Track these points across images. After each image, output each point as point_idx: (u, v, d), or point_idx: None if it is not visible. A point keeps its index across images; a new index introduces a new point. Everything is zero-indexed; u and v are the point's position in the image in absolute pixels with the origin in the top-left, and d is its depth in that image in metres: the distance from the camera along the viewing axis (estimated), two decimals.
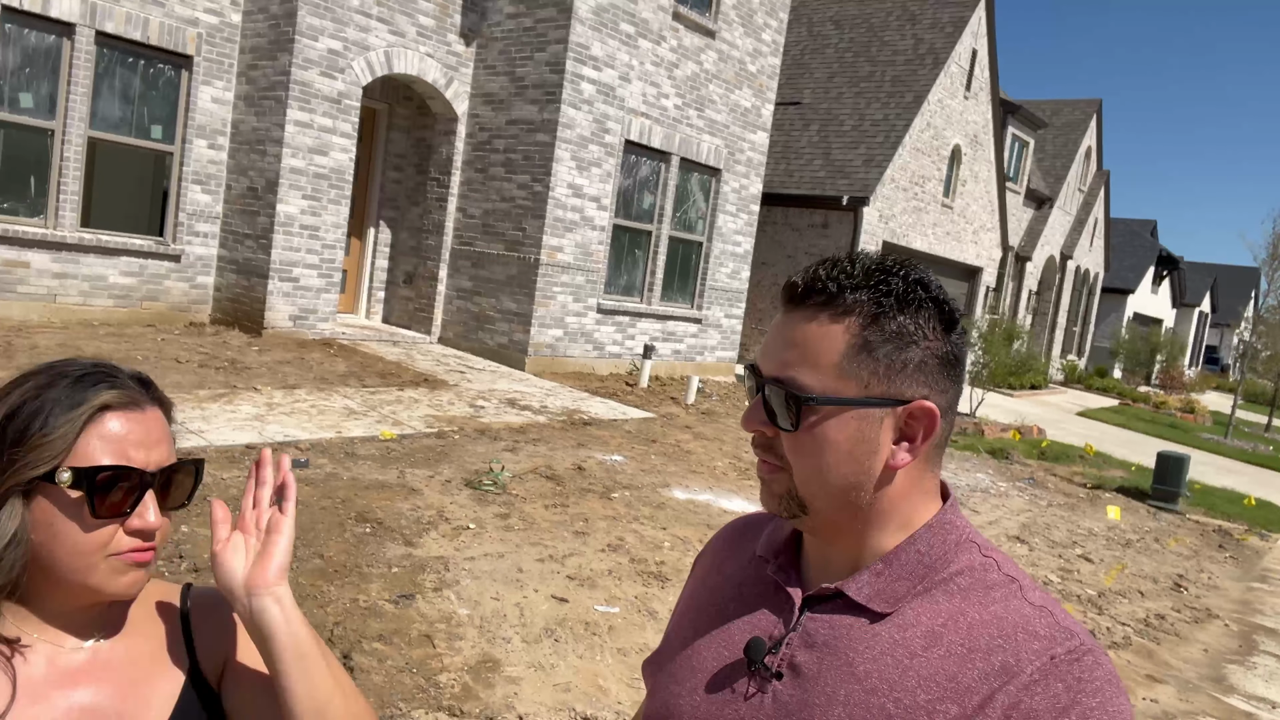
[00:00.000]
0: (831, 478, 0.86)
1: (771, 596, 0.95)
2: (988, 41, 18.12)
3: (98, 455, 0.89)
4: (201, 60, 9.00)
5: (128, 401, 0.93)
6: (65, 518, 0.88)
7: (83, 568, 0.89)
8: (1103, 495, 9.64)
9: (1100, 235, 27.91)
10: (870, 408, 0.85)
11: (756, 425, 0.90)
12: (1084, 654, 0.80)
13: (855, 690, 0.83)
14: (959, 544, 0.89)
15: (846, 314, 0.86)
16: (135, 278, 8.84)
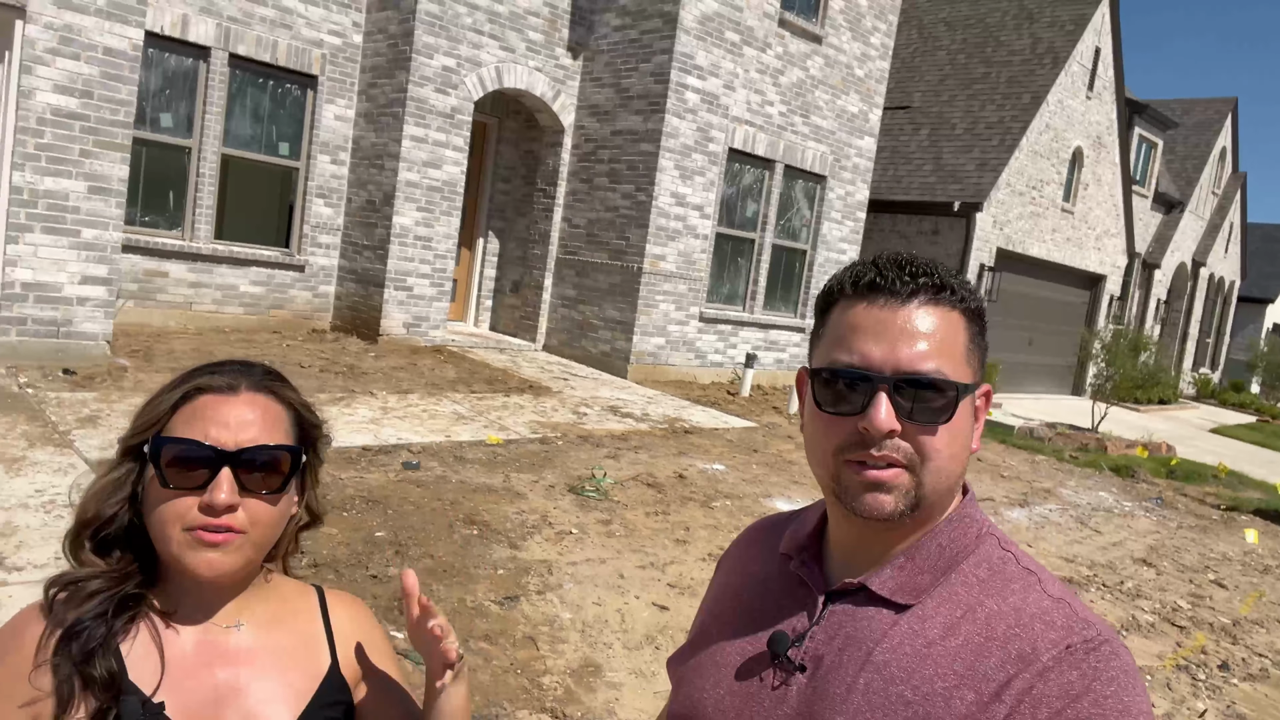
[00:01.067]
0: (957, 467, 0.90)
1: (795, 592, 0.96)
2: (1112, 39, 17.30)
3: (179, 430, 0.95)
4: (325, 80, 9.45)
5: (222, 385, 0.98)
6: (153, 486, 0.95)
7: (163, 537, 0.94)
8: (1238, 518, 9.02)
9: (1236, 241, 26.21)
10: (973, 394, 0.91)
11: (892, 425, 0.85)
12: (1100, 644, 0.81)
13: (874, 679, 0.84)
14: (979, 536, 0.91)
15: (958, 307, 0.90)
16: (263, 287, 9.33)
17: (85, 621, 0.92)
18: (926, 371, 0.86)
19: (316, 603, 1.10)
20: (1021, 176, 15.71)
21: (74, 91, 6.04)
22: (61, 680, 0.90)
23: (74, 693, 0.89)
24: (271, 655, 1.01)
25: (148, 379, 6.42)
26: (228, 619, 1.01)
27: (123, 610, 0.95)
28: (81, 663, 0.90)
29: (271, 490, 0.97)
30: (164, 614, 0.97)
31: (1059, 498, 8.24)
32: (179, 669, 0.95)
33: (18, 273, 6.05)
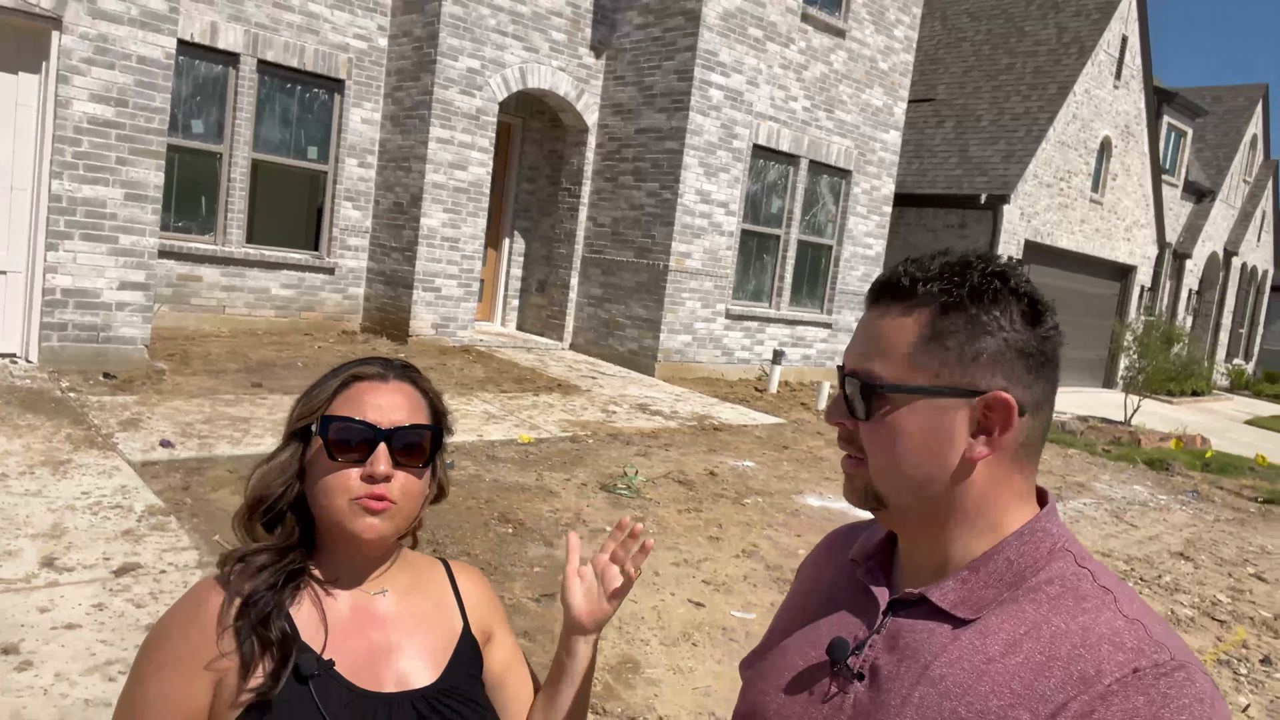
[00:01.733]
0: (905, 468, 0.87)
1: (860, 600, 0.95)
2: (1139, 26, 17.07)
3: (340, 412, 1.09)
4: (352, 84, 9.54)
5: (374, 374, 1.13)
6: (319, 461, 1.08)
7: (331, 506, 1.07)
8: (1276, 510, 8.89)
9: (1269, 229, 25.78)
10: (941, 397, 0.85)
11: (837, 418, 0.92)
12: (1174, 669, 0.76)
13: (929, 693, 0.82)
14: (1052, 552, 0.86)
15: (918, 306, 0.87)
16: (294, 289, 9.44)
17: (260, 591, 1.05)
18: (854, 369, 0.90)
19: (444, 573, 1.24)
20: (1049, 168, 15.55)
21: (109, 100, 6.15)
22: (243, 643, 1.02)
23: (254, 653, 1.02)
24: (413, 619, 1.15)
25: (185, 382, 6.53)
26: (374, 587, 1.13)
27: (290, 580, 1.08)
28: (259, 626, 1.03)
29: (418, 464, 1.11)
30: (323, 583, 1.10)
31: (1093, 491, 8.16)
32: (339, 631, 1.08)
33: (58, 279, 6.17)
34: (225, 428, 5.55)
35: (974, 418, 0.85)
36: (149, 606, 3.31)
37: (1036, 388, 0.86)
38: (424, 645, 1.13)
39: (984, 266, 0.87)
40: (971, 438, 0.85)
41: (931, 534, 0.89)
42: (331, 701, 1.03)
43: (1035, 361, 0.86)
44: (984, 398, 0.84)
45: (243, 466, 4.96)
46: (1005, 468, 0.87)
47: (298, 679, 1.02)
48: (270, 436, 5.50)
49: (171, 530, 4.02)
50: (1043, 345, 0.87)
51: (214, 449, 5.13)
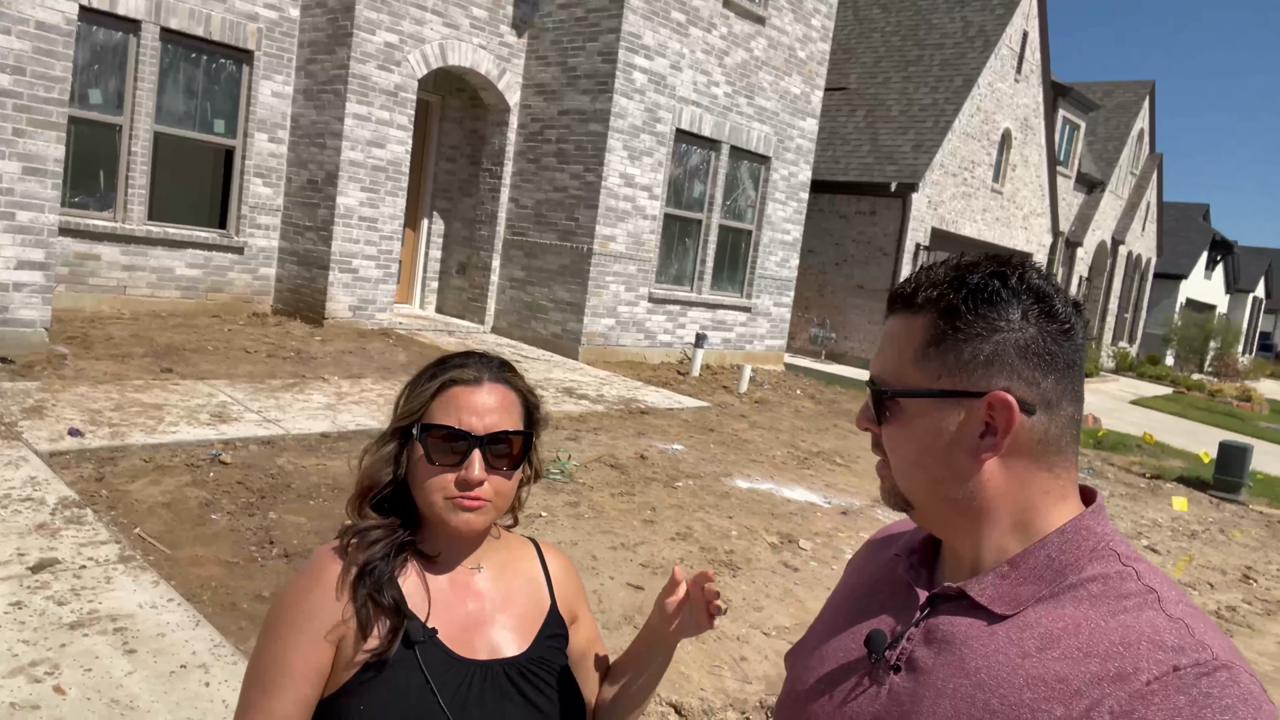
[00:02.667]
0: (918, 471, 0.90)
1: (901, 594, 0.96)
2: (1039, 22, 17.78)
3: (439, 417, 1.17)
4: (262, 55, 9.16)
5: (470, 378, 1.19)
6: (420, 462, 1.18)
7: (429, 503, 1.17)
8: (1164, 485, 9.49)
9: (1153, 220, 27.32)
10: (941, 399, 0.87)
11: (864, 423, 0.96)
12: (1217, 669, 0.74)
13: (964, 684, 0.83)
14: (1095, 550, 0.86)
15: (920, 312, 0.90)
16: (200, 269, 9.05)
17: (375, 561, 1.15)
18: (871, 376, 0.95)
19: (535, 554, 1.33)
20: (954, 158, 16.10)
21: (5, 68, 5.75)
22: (360, 606, 1.13)
23: (370, 617, 1.12)
24: (506, 594, 1.25)
25: (89, 367, 6.20)
26: (472, 563, 1.24)
27: (399, 553, 1.18)
28: (374, 593, 1.13)
29: (510, 467, 1.19)
30: (427, 557, 1.21)
31: None
32: (440, 601, 1.19)
33: None
34: (138, 415, 5.30)
35: (978, 419, 0.86)
36: (71, 604, 3.16)
37: (1046, 384, 0.86)
38: (514, 618, 1.24)
39: (986, 268, 0.88)
40: (978, 439, 0.86)
41: (959, 532, 0.91)
42: (434, 665, 1.14)
43: (1041, 358, 0.85)
44: (985, 398, 0.85)
45: (159, 455, 4.76)
46: (1024, 466, 0.87)
47: (405, 644, 1.13)
48: (186, 424, 5.28)
49: (88, 524, 3.83)
50: (1050, 342, 0.86)
51: (127, 438, 4.89)
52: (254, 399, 6.08)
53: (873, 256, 15.76)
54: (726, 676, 3.60)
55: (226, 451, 4.97)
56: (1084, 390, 0.91)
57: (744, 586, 4.46)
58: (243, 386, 6.37)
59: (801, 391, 10.99)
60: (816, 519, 5.76)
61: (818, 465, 7.23)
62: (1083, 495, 0.91)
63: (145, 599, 3.27)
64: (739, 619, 4.10)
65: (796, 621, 4.19)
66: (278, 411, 5.87)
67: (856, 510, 6.15)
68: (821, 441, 8.19)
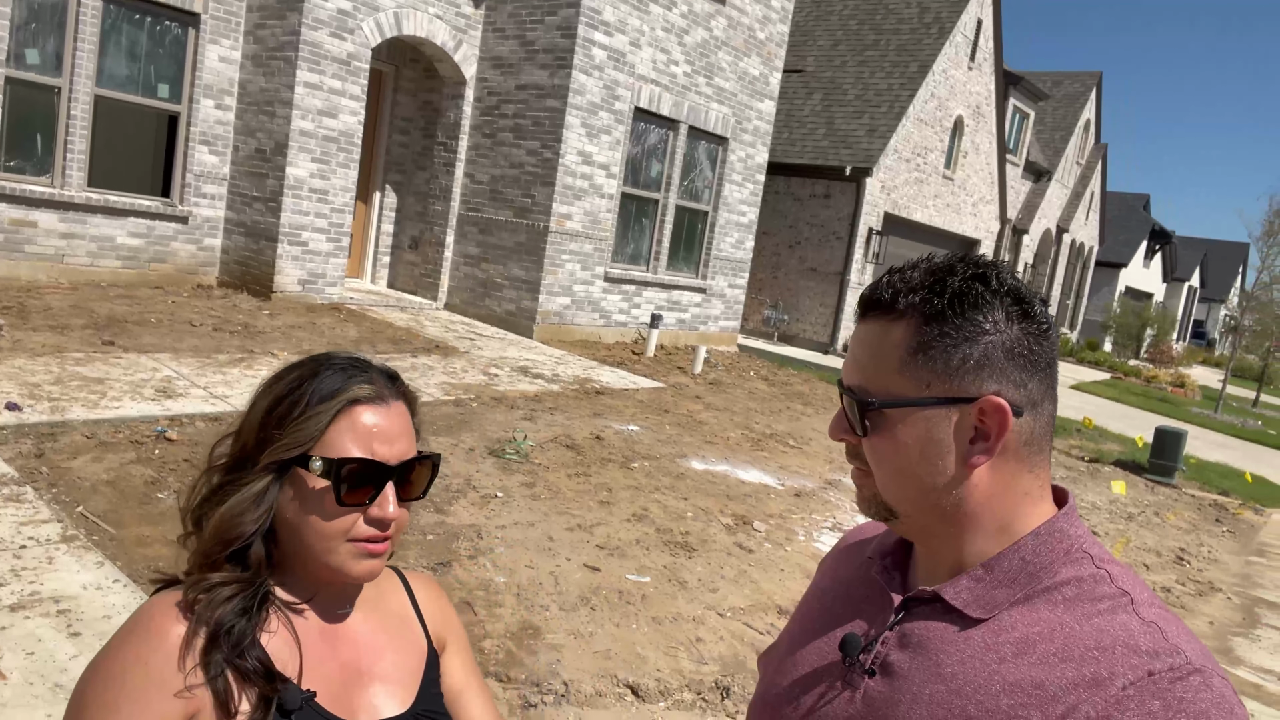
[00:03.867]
0: (908, 480, 0.87)
1: (875, 597, 0.95)
2: (993, 11, 18.00)
3: (347, 447, 0.96)
4: (209, 18, 8.86)
5: (375, 396, 0.99)
6: (313, 501, 0.96)
7: (325, 550, 0.97)
8: (1102, 469, 9.78)
9: (1096, 209, 27.98)
10: (932, 407, 0.85)
11: (840, 434, 0.92)
12: (1190, 673, 0.75)
13: (940, 690, 0.82)
14: (1069, 553, 0.86)
15: (901, 318, 0.86)
16: (142, 239, 8.77)
17: (229, 618, 0.93)
18: (850, 385, 0.90)
19: (401, 584, 1.16)
20: (908, 143, 16.27)
21: None
22: (216, 676, 0.91)
23: (230, 687, 0.91)
24: (380, 636, 1.07)
25: (26, 339, 5.98)
26: (339, 605, 1.05)
27: (261, 606, 0.97)
28: (235, 657, 0.92)
29: (416, 496, 1.03)
30: (290, 604, 1.01)
31: None
32: (312, 656, 0.99)
33: None
34: (78, 389, 5.13)
35: (969, 424, 0.84)
36: (11, 585, 3.06)
37: (1031, 385, 0.85)
38: (394, 667, 1.06)
39: (965, 270, 0.86)
40: (969, 444, 0.85)
41: (942, 539, 0.89)
42: None
43: (1026, 360, 0.85)
44: (977, 404, 0.83)
45: (101, 430, 4.62)
46: (1010, 469, 0.86)
47: (281, 713, 0.93)
48: (130, 399, 5.13)
49: (28, 501, 3.71)
50: (1033, 343, 0.85)
51: (68, 412, 4.74)
52: (200, 374, 5.93)
53: (826, 240, 15.89)
54: (682, 657, 3.63)
55: (172, 428, 4.85)
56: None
57: (699, 568, 4.50)
58: (188, 361, 6.20)
59: (755, 373, 11.07)
60: (770, 501, 5.82)
61: (771, 447, 7.30)
62: (1055, 495, 0.91)
63: (89, 580, 3.18)
64: (694, 600, 4.13)
65: (751, 603, 4.24)
66: (225, 387, 5.74)
67: (809, 492, 6.23)
68: (775, 423, 8.26)
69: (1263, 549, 7.78)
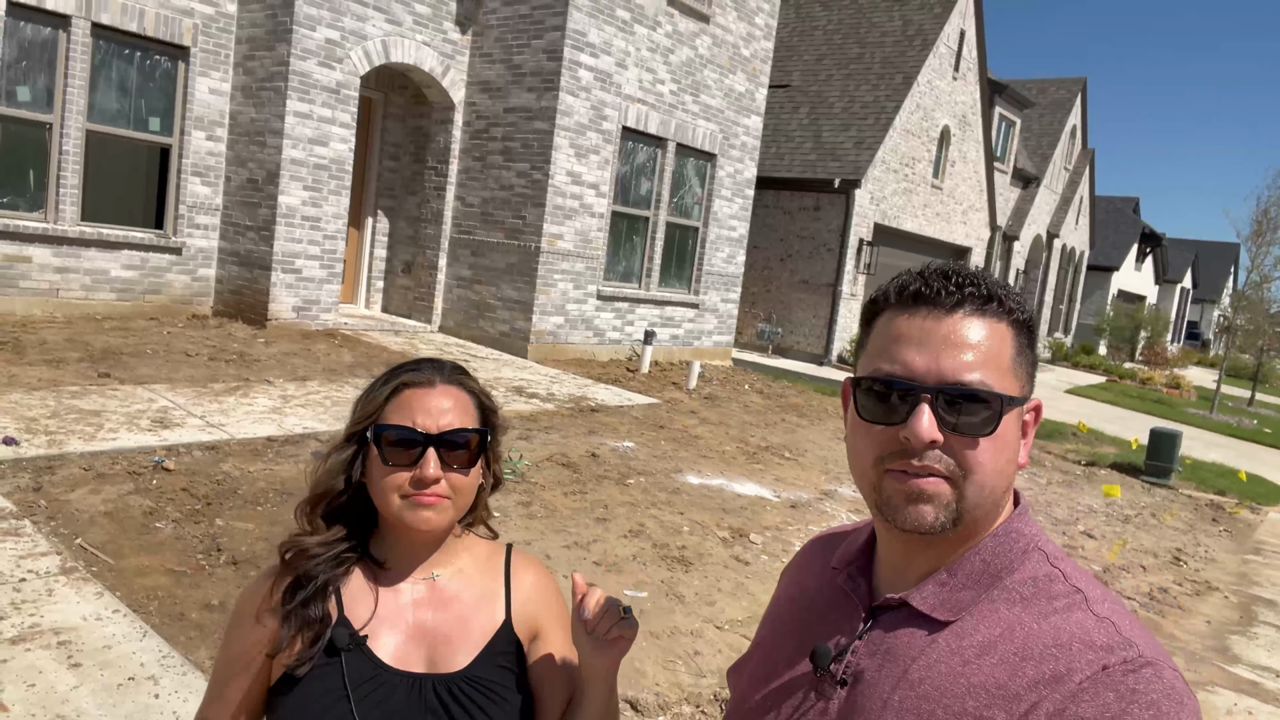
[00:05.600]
0: (1000, 481, 0.89)
1: (842, 606, 0.97)
2: (975, 21, 18.18)
3: (392, 419, 1.17)
4: (198, 51, 8.95)
5: (423, 381, 1.20)
6: (374, 463, 1.18)
7: (385, 503, 1.17)
8: (1098, 472, 9.81)
9: (1085, 213, 28.14)
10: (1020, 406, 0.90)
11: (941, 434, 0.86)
12: (1142, 665, 0.78)
13: (908, 695, 0.84)
14: (1025, 552, 0.89)
15: (1008, 316, 0.89)
16: (137, 271, 8.82)
17: (312, 571, 1.16)
18: (970, 382, 0.85)
19: (502, 562, 1.29)
20: (895, 154, 16.39)
21: None
22: (284, 618, 1.15)
23: (292, 630, 1.14)
24: (458, 604, 1.22)
25: (22, 373, 6.02)
26: (426, 570, 1.22)
27: (339, 564, 1.18)
28: (301, 605, 1.15)
29: (466, 465, 1.18)
30: (379, 563, 1.21)
31: None
32: (386, 609, 1.18)
33: None
34: (75, 422, 5.16)
35: (1023, 423, 0.91)
36: (11, 618, 3.08)
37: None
38: (462, 631, 1.20)
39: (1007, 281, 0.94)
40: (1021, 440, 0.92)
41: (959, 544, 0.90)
42: (356, 674, 1.13)
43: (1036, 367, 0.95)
44: (1033, 403, 0.92)
45: (99, 462, 4.65)
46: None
47: (329, 652, 1.13)
48: (126, 430, 5.17)
49: (27, 535, 3.74)
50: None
51: (65, 445, 4.77)
52: (196, 403, 5.96)
53: (817, 252, 15.98)
54: (681, 671, 3.66)
55: (170, 458, 4.88)
56: None
57: (697, 581, 4.52)
58: (184, 391, 6.24)
59: (750, 387, 11.12)
60: (766, 513, 5.85)
61: (767, 460, 7.33)
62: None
63: (89, 611, 3.21)
64: (692, 614, 4.16)
65: (749, 614, 4.26)
66: (221, 416, 5.77)
67: (805, 504, 6.26)
68: (770, 436, 8.30)
69: (1259, 547, 7.81)
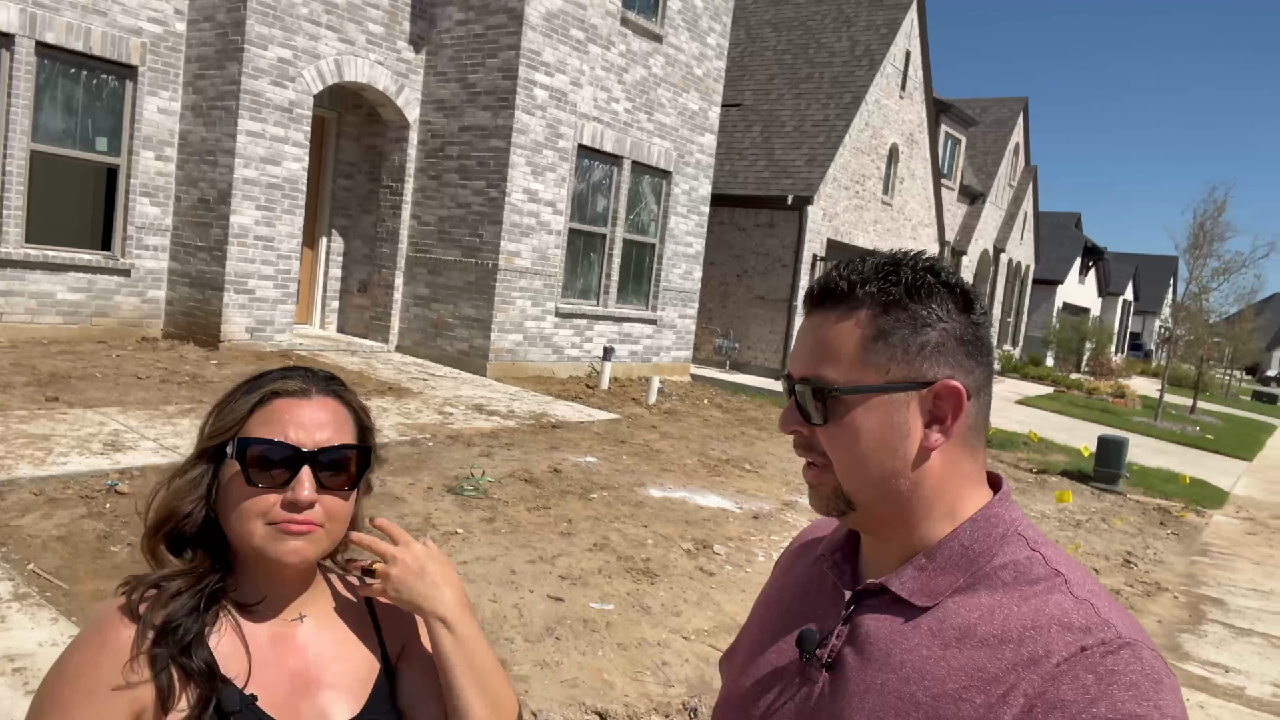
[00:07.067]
0: (870, 466, 0.89)
1: (828, 593, 0.98)
2: (920, 42, 18.63)
3: (257, 432, 1.00)
4: (146, 70, 8.83)
5: (297, 390, 1.04)
6: (232, 484, 1.00)
7: (247, 532, 0.99)
8: (1050, 479, 10.04)
9: (1030, 229, 28.87)
10: (893, 392, 0.88)
11: (793, 426, 0.93)
12: (1121, 646, 0.78)
13: (890, 679, 0.85)
14: (1005, 536, 0.89)
15: (858, 307, 0.89)
16: (84, 293, 8.63)
17: (178, 616, 0.96)
18: (805, 375, 0.90)
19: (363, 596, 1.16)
20: (846, 171, 16.69)
21: None
22: (160, 672, 0.93)
23: (174, 684, 0.94)
24: (333, 646, 1.07)
25: None
26: (293, 613, 1.06)
27: (209, 605, 1.00)
28: (179, 655, 0.95)
29: (345, 487, 1.03)
30: (241, 607, 1.03)
31: None
32: (260, 661, 1.01)
33: None
34: (24, 447, 5.03)
35: (925, 408, 0.88)
36: None
37: (977, 372, 0.90)
38: (344, 675, 1.06)
39: (914, 263, 0.90)
40: (925, 428, 0.88)
41: (896, 527, 0.92)
42: None
43: (973, 347, 0.89)
44: (934, 387, 0.87)
45: (49, 487, 4.54)
46: (956, 453, 0.90)
47: (219, 716, 0.95)
48: (78, 454, 5.05)
49: None
50: (977, 331, 0.90)
51: (14, 470, 4.65)
52: (149, 426, 5.85)
53: (772, 268, 16.18)
54: (649, 681, 3.67)
55: (123, 481, 4.78)
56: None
57: (662, 593, 4.54)
58: (136, 414, 6.11)
59: (709, 401, 11.19)
60: (729, 524, 5.90)
61: (728, 472, 7.38)
62: (990, 480, 0.95)
63: (44, 637, 3.13)
64: (659, 625, 4.17)
65: (715, 624, 4.29)
66: (175, 438, 5.66)
67: (767, 514, 6.32)
68: (730, 449, 8.36)
69: (1206, 549, 8.04)
